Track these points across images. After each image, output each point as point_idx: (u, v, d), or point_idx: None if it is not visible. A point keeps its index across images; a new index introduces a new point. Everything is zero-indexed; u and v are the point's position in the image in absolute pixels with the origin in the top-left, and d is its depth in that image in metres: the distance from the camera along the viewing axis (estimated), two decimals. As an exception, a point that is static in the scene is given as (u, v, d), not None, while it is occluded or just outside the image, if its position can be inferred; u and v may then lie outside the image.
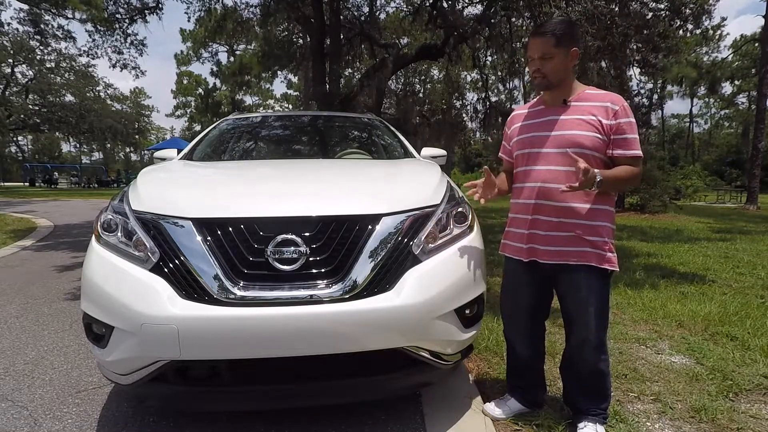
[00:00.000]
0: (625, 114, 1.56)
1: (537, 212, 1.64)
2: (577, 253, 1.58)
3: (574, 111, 1.61)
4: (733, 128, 45.34)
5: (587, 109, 1.59)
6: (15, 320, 3.06)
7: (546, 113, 1.68)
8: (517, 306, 1.80)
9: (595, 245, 1.57)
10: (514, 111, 1.87)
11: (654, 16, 7.46)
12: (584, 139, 1.57)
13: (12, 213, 10.39)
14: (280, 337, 1.40)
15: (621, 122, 1.55)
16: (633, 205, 12.40)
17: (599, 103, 1.59)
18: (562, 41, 1.57)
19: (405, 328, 1.49)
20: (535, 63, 1.62)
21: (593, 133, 1.56)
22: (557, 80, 1.62)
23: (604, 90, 1.65)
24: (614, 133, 1.56)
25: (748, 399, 1.99)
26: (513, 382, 1.90)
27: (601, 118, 1.56)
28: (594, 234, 1.57)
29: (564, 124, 1.61)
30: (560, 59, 1.59)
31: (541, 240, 1.64)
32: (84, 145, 51.62)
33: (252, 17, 12.08)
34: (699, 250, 5.92)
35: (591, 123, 1.56)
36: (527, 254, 1.68)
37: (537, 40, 1.60)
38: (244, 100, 44.43)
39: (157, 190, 1.79)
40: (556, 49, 1.57)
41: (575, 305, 1.64)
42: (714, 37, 36.49)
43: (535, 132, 1.69)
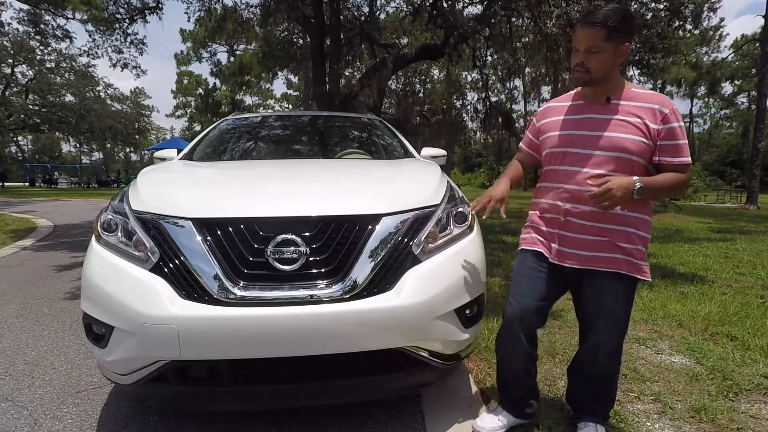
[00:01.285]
0: (675, 118, 1.44)
1: (570, 215, 1.53)
2: (607, 259, 1.49)
3: (618, 111, 1.48)
4: (733, 128, 45.35)
5: (632, 110, 1.46)
6: (15, 320, 3.06)
7: (586, 110, 1.54)
8: (523, 308, 1.62)
9: (627, 252, 1.48)
10: (548, 103, 1.71)
11: (653, 16, 7.46)
12: (630, 143, 1.44)
13: (12, 213, 10.39)
14: (280, 337, 1.40)
15: (670, 127, 1.43)
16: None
17: (646, 104, 1.46)
18: (614, 34, 1.41)
19: (405, 328, 1.49)
20: (579, 55, 1.46)
21: (639, 137, 1.44)
22: (600, 77, 1.47)
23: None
24: (662, 138, 1.44)
25: (748, 399, 1.99)
26: (508, 393, 1.75)
27: (648, 121, 1.44)
28: (627, 241, 1.48)
29: (607, 124, 1.48)
30: (608, 54, 1.43)
31: (570, 243, 1.54)
32: (84, 145, 51.66)
33: (252, 17, 12.09)
34: (699, 250, 5.91)
35: (637, 126, 1.44)
36: (556, 255, 1.57)
37: (585, 30, 1.43)
38: (244, 100, 44.48)
39: (157, 190, 1.79)
40: (606, 43, 1.41)
41: (597, 310, 1.55)
42: (714, 37, 36.51)
43: (573, 130, 1.55)
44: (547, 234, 1.61)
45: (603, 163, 1.47)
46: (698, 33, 14.34)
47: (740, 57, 37.12)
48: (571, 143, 1.54)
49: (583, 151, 1.51)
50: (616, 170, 1.45)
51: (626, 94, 1.50)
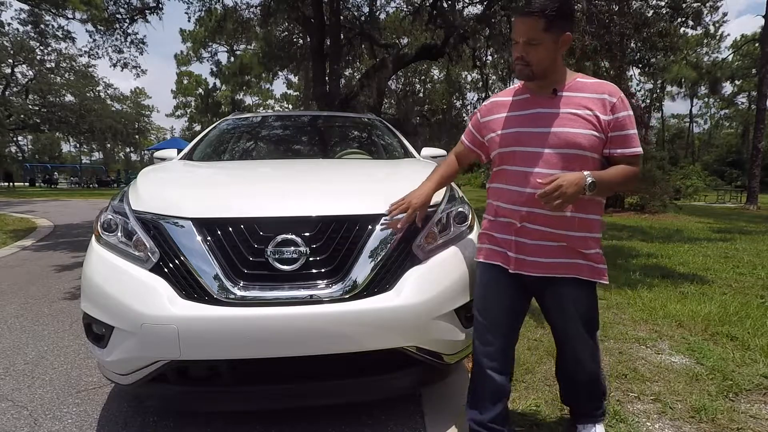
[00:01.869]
0: (624, 107, 1.37)
1: (526, 220, 1.43)
2: (566, 264, 1.42)
3: (566, 103, 1.39)
4: (733, 128, 45.36)
5: (581, 101, 1.38)
6: (15, 320, 3.06)
7: (533, 104, 1.44)
8: (492, 324, 1.53)
9: (588, 257, 1.42)
10: (492, 98, 1.58)
11: (655, 14, 7.45)
12: (582, 138, 1.36)
13: (12, 213, 10.39)
14: (280, 337, 1.40)
15: (619, 116, 1.36)
16: (633, 205, 12.40)
17: (594, 94, 1.38)
18: (553, 24, 1.31)
19: (405, 328, 1.49)
20: (518, 48, 1.37)
21: (590, 130, 1.36)
22: (542, 70, 1.38)
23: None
24: (612, 129, 1.37)
25: (748, 399, 1.99)
26: (476, 417, 1.58)
27: (598, 112, 1.36)
28: (585, 246, 1.42)
29: (556, 118, 1.39)
30: (549, 46, 1.34)
31: (529, 250, 1.44)
32: (84, 145, 51.62)
33: (252, 17, 12.09)
34: (699, 250, 5.91)
35: (587, 119, 1.36)
36: (515, 265, 1.46)
37: (523, 20, 1.33)
38: (244, 100, 44.46)
39: (157, 190, 1.79)
40: (545, 34, 1.32)
41: (564, 319, 1.49)
42: (715, 35, 36.52)
43: (521, 127, 1.44)
44: (503, 242, 1.49)
45: (556, 162, 1.38)
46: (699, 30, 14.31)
47: (740, 57, 37.12)
48: (520, 142, 1.43)
49: (533, 149, 1.41)
50: (569, 168, 1.35)
51: (573, 85, 1.41)
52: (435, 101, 17.63)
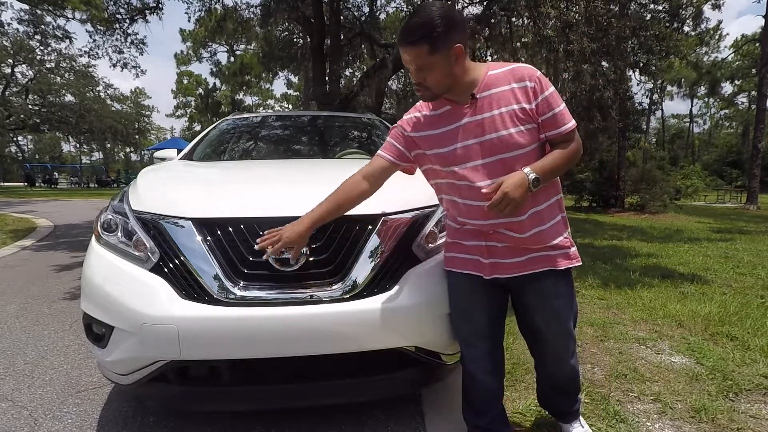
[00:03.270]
0: (544, 86, 1.30)
1: (492, 230, 1.38)
2: (540, 258, 1.38)
3: (489, 105, 1.31)
4: (733, 128, 45.38)
5: (502, 96, 1.31)
6: (15, 320, 3.06)
7: (458, 115, 1.36)
8: (475, 330, 1.49)
9: (558, 246, 1.39)
10: (413, 111, 1.47)
11: (653, 17, 7.47)
12: (520, 136, 1.30)
13: (12, 213, 10.39)
14: (280, 337, 1.40)
15: (544, 98, 1.30)
16: (633, 205, 12.41)
17: (512, 84, 1.31)
18: (438, 44, 1.22)
19: (405, 328, 1.49)
20: (412, 74, 1.30)
21: (524, 125, 1.30)
22: (445, 87, 1.32)
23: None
24: (540, 113, 1.30)
25: (748, 399, 1.99)
26: (475, 422, 1.60)
27: (524, 103, 1.30)
28: (555, 235, 1.38)
29: (488, 124, 1.31)
30: (442, 65, 1.26)
31: (502, 253, 1.39)
32: (84, 145, 51.65)
33: (252, 17, 12.08)
34: (699, 250, 5.91)
35: (517, 114, 1.30)
36: (489, 270, 1.41)
37: (407, 50, 1.26)
38: (244, 100, 44.47)
39: (158, 190, 1.79)
40: (434, 57, 1.24)
41: (549, 316, 1.44)
42: (713, 38, 36.53)
43: (457, 142, 1.35)
44: (473, 248, 1.43)
45: (501, 167, 1.31)
46: (696, 35, 14.30)
47: (740, 57, 37.14)
48: (463, 158, 1.35)
49: (478, 162, 1.34)
50: (516, 168, 1.29)
51: (487, 82, 1.33)
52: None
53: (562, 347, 1.50)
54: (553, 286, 1.41)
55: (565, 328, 1.46)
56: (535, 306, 1.45)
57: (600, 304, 3.44)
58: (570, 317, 1.48)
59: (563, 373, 1.55)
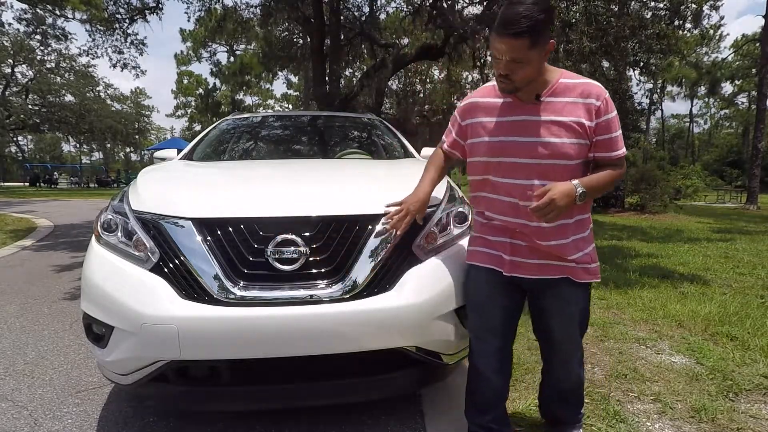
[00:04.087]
0: (608, 109, 1.32)
1: (519, 230, 1.41)
2: (561, 268, 1.41)
3: (552, 110, 1.33)
4: (733, 128, 45.38)
5: (566, 107, 1.32)
6: (15, 320, 3.06)
7: (518, 111, 1.36)
8: (488, 325, 1.52)
9: (580, 260, 1.40)
10: (470, 98, 1.48)
11: (653, 15, 7.46)
12: (569, 148, 1.32)
13: (12, 213, 10.39)
14: (280, 337, 1.40)
15: (605, 120, 1.32)
16: (633, 205, 12.40)
17: (579, 99, 1.32)
18: (540, 40, 1.21)
19: (405, 328, 1.49)
20: (501, 66, 1.26)
21: (578, 139, 1.31)
22: (527, 83, 1.31)
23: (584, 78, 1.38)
24: (597, 134, 1.33)
25: (748, 399, 1.99)
26: (477, 420, 1.60)
27: (584, 119, 1.31)
28: (577, 249, 1.40)
29: (542, 127, 1.33)
30: (535, 60, 1.25)
31: (524, 252, 1.42)
32: (84, 145, 51.64)
33: (252, 17, 12.08)
34: (699, 250, 5.91)
35: (573, 127, 1.31)
36: (510, 267, 1.43)
37: (507, 41, 1.20)
38: (244, 100, 44.47)
39: (157, 190, 1.79)
40: (532, 51, 1.22)
41: (562, 321, 1.47)
42: (714, 36, 36.54)
43: (506, 136, 1.37)
44: (497, 244, 1.46)
45: (544, 172, 1.34)
46: (698, 33, 14.31)
47: (740, 57, 37.14)
48: (506, 152, 1.37)
49: (520, 160, 1.35)
50: (557, 176, 1.32)
51: (557, 88, 1.33)
52: (435, 101, 17.61)
53: (572, 353, 1.53)
54: (571, 293, 1.44)
55: (575, 335, 1.50)
56: (552, 309, 1.48)
57: (600, 304, 3.44)
58: (582, 326, 1.51)
59: (569, 379, 1.57)
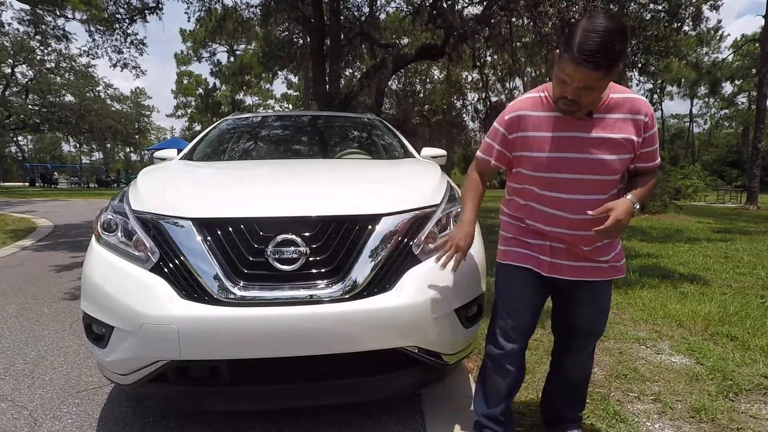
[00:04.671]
0: (653, 124, 1.37)
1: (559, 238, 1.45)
2: (599, 270, 1.47)
3: (603, 126, 1.34)
4: (733, 128, 45.36)
5: (616, 123, 1.34)
6: (15, 320, 3.05)
7: (568, 126, 1.36)
8: (518, 325, 1.54)
9: (612, 260, 1.48)
10: (519, 110, 1.43)
11: (652, 17, 7.46)
12: (618, 164, 1.35)
13: (12, 213, 10.39)
14: (280, 337, 1.40)
15: (650, 135, 1.37)
16: (633, 205, 12.37)
17: (628, 115, 1.34)
18: (613, 69, 1.20)
19: (405, 328, 1.49)
20: (569, 90, 1.24)
21: (627, 154, 1.36)
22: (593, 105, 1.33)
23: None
24: (642, 147, 1.38)
25: (748, 399, 1.99)
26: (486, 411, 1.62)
27: (634, 136, 1.34)
28: (611, 250, 1.47)
29: (594, 144, 1.34)
30: (605, 86, 1.27)
31: (564, 254, 1.45)
32: (84, 145, 51.65)
33: (252, 17, 12.09)
34: (699, 250, 5.91)
35: (624, 145, 1.34)
36: (549, 269, 1.47)
37: (583, 71, 1.18)
38: (244, 100, 44.47)
39: (157, 190, 1.79)
40: (604, 80, 1.22)
41: (590, 315, 1.53)
42: (713, 38, 36.55)
43: (558, 152, 1.37)
44: (536, 247, 1.49)
45: (593, 187, 1.38)
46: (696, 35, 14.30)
47: (740, 57, 37.14)
48: (559, 168, 1.38)
49: (570, 176, 1.37)
50: (604, 190, 1.39)
51: (608, 104, 1.34)
52: (435, 101, 17.61)
53: (587, 346, 1.59)
54: (600, 288, 1.51)
55: (600, 327, 1.57)
56: (581, 304, 1.52)
57: (600, 304, 3.43)
58: (606, 320, 1.58)
59: (580, 371, 1.62)
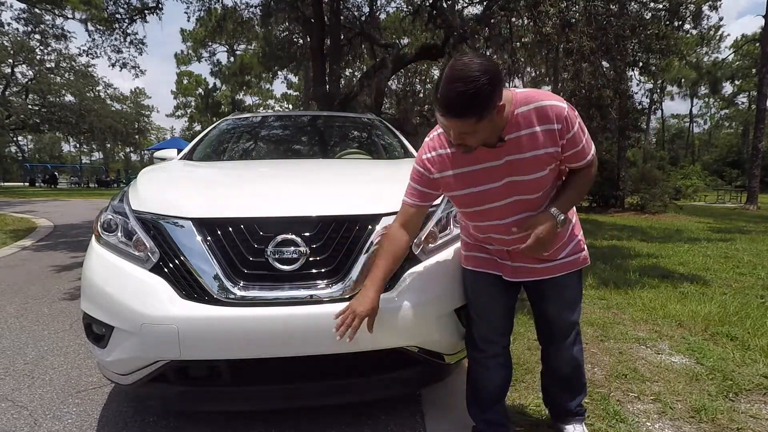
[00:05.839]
0: (570, 125, 1.26)
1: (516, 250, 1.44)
2: (560, 266, 1.47)
3: (518, 146, 1.27)
4: (733, 128, 45.36)
5: (530, 140, 1.26)
6: (15, 320, 3.05)
7: (484, 156, 1.31)
8: (494, 327, 1.56)
9: (574, 251, 1.49)
10: (430, 149, 1.40)
11: (653, 16, 7.47)
12: (546, 179, 1.32)
13: (12, 213, 10.39)
14: (280, 337, 1.40)
15: (570, 136, 1.28)
16: (633, 205, 12.41)
17: (539, 127, 1.26)
18: (486, 113, 1.13)
19: (405, 328, 1.49)
20: (452, 137, 1.22)
21: (549, 166, 1.30)
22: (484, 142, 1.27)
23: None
24: (565, 150, 1.30)
25: (748, 399, 1.99)
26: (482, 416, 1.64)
27: (550, 147, 1.27)
28: (570, 240, 1.48)
29: (515, 166, 1.29)
30: (486, 127, 1.19)
31: (524, 258, 1.45)
32: (84, 145, 51.67)
33: (252, 17, 12.09)
34: (699, 250, 5.91)
35: (543, 159, 1.28)
36: (511, 273, 1.48)
37: (451, 120, 1.16)
38: (244, 100, 44.48)
39: (157, 190, 1.79)
40: (480, 124, 1.15)
41: (561, 308, 1.54)
42: (713, 37, 36.53)
43: (481, 185, 1.34)
44: (495, 251, 1.50)
45: (524, 204, 1.36)
46: (697, 33, 14.30)
47: (740, 57, 37.15)
48: (486, 200, 1.36)
49: (499, 204, 1.36)
50: (539, 202, 1.36)
51: (515, 122, 1.26)
52: (435, 101, 17.60)
53: (568, 335, 1.59)
54: (567, 280, 1.51)
55: (572, 317, 1.57)
56: (549, 297, 1.54)
57: (600, 304, 3.44)
58: (578, 308, 1.58)
59: (565, 362, 1.61)
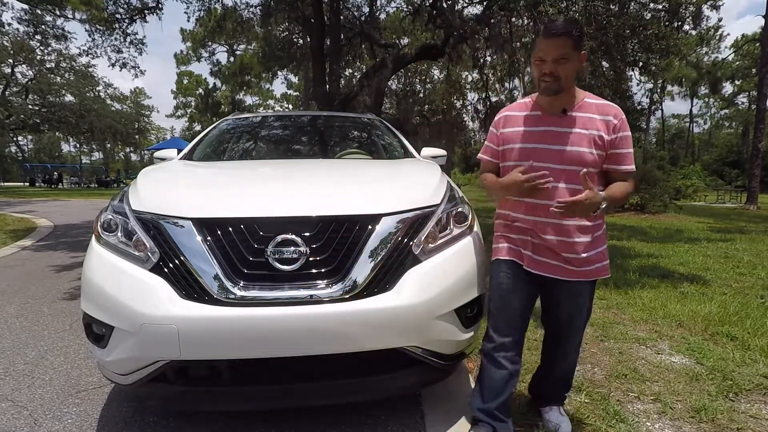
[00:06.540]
0: (624, 128, 1.53)
1: (538, 229, 1.56)
2: (580, 272, 1.56)
3: (576, 123, 1.53)
4: (733, 128, 45.35)
5: (588, 121, 1.52)
6: (15, 320, 3.05)
7: (544, 122, 1.57)
8: (510, 318, 1.63)
9: (594, 260, 1.56)
10: (505, 111, 1.70)
11: (652, 16, 7.47)
12: (588, 156, 1.50)
13: (12, 213, 10.38)
14: (280, 337, 1.40)
15: (620, 136, 1.52)
16: (633, 205, 12.40)
17: (600, 115, 1.52)
18: (579, 43, 1.45)
19: (405, 328, 1.49)
20: (548, 65, 1.47)
21: (596, 150, 1.51)
22: (567, 85, 1.51)
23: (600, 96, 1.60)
24: (611, 147, 1.52)
25: (748, 399, 1.99)
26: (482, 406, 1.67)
27: (603, 132, 1.51)
28: (592, 248, 1.56)
29: (567, 138, 1.52)
30: (575, 62, 1.47)
31: (545, 252, 1.57)
32: (84, 145, 51.66)
33: (252, 17, 12.09)
34: (699, 250, 5.91)
35: (593, 139, 1.50)
36: (528, 262, 1.59)
37: (554, 41, 1.43)
38: (244, 100, 44.47)
39: (157, 190, 1.79)
40: (574, 51, 1.45)
41: (572, 312, 1.63)
42: (713, 37, 36.55)
43: (535, 143, 1.57)
44: (518, 241, 1.63)
45: (565, 176, 1.52)
46: (696, 34, 14.31)
47: (740, 57, 37.14)
48: (533, 157, 1.55)
49: (545, 165, 1.53)
50: (573, 182, 1.50)
51: (581, 105, 1.55)
52: (435, 101, 17.59)
53: (575, 340, 1.70)
54: (582, 288, 1.60)
55: (582, 324, 1.67)
56: (562, 302, 1.63)
57: (600, 304, 3.44)
58: (587, 317, 1.68)
59: (566, 363, 1.75)
